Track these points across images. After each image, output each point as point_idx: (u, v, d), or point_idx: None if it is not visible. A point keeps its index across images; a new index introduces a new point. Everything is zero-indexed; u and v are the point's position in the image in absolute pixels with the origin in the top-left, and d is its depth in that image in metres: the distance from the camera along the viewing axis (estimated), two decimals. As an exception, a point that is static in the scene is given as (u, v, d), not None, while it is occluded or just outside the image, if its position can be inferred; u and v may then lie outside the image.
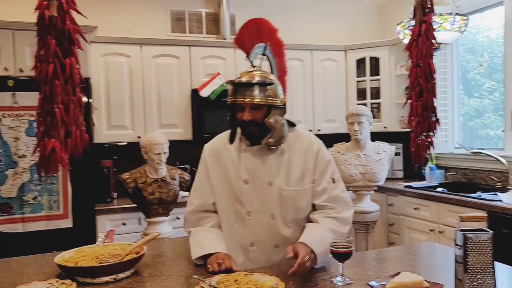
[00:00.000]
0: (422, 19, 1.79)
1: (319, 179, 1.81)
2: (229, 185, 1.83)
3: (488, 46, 3.94)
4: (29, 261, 1.90)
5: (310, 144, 1.84)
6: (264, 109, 1.73)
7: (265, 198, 1.79)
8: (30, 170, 3.09)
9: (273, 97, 1.74)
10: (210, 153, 1.91)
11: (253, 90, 1.71)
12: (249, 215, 1.80)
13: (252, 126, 1.73)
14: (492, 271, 1.37)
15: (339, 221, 1.79)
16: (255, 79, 1.74)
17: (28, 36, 3.16)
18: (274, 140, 1.74)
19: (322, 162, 1.83)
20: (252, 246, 1.81)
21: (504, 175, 3.58)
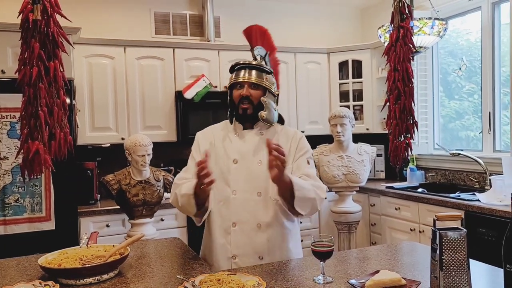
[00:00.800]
0: (400, 25, 1.85)
1: (297, 157, 2.00)
2: (217, 165, 1.93)
3: (468, 49, 4.04)
4: (12, 263, 1.89)
5: (295, 133, 2.06)
6: (260, 90, 1.93)
7: (254, 177, 1.91)
8: (12, 172, 3.06)
9: (269, 83, 1.96)
10: (202, 136, 2.07)
11: (254, 72, 1.94)
12: (235, 194, 1.90)
13: (247, 103, 1.91)
14: (466, 268, 1.42)
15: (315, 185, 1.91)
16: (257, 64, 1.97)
17: (9, 37, 3.14)
18: (266, 115, 1.92)
19: (303, 147, 2.03)
20: (234, 227, 1.89)
21: (482, 175, 3.67)
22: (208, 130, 2.09)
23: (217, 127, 2.10)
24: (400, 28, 1.84)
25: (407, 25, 1.86)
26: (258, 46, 2.05)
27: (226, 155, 1.95)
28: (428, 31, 3.25)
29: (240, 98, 1.92)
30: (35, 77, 1.38)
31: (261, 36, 2.08)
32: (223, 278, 1.51)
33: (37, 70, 1.39)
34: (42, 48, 1.41)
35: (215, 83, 4.05)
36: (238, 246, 1.88)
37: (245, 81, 1.92)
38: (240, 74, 1.95)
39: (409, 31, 1.86)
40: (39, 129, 1.39)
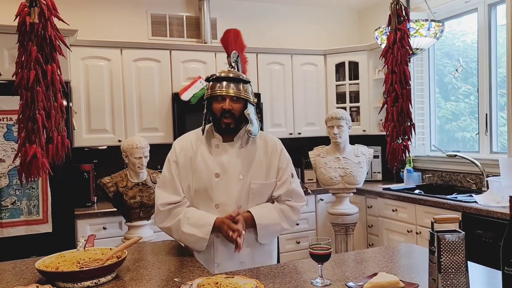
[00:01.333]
0: (397, 27, 1.85)
1: (282, 175, 2.03)
2: (199, 179, 1.95)
3: (464, 51, 4.05)
4: (8, 267, 1.88)
5: (275, 144, 2.06)
6: (241, 103, 1.93)
7: (234, 190, 1.94)
8: (9, 174, 3.05)
9: (249, 94, 1.96)
10: (180, 149, 2.01)
11: (233, 85, 1.92)
12: (217, 207, 1.94)
13: (229, 117, 1.90)
14: (465, 271, 1.42)
15: (290, 208, 2.01)
16: (236, 75, 1.95)
17: (6, 39, 3.13)
18: (252, 130, 1.93)
19: (285, 159, 2.05)
20: (217, 237, 1.94)
21: (479, 177, 3.68)
22: (187, 141, 2.03)
23: (195, 137, 2.04)
24: (398, 30, 1.85)
25: (404, 28, 1.86)
26: (233, 51, 2.06)
27: (207, 168, 1.95)
28: (424, 33, 3.26)
29: (222, 112, 1.90)
30: (33, 81, 1.38)
31: (234, 39, 2.10)
32: (221, 281, 1.50)
33: (35, 73, 1.38)
34: (39, 51, 1.40)
35: (212, 85, 4.05)
36: (221, 255, 1.96)
37: (226, 95, 1.90)
38: (218, 86, 1.91)
39: (406, 34, 1.87)
40: (36, 132, 1.39)
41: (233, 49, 2.06)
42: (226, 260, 1.96)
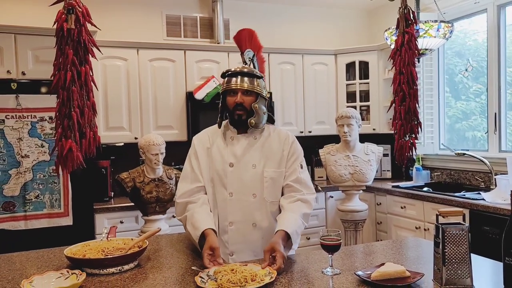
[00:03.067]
0: (405, 30, 1.94)
1: (291, 163, 2.08)
2: (214, 169, 2.04)
3: (476, 50, 4.08)
4: (37, 255, 2.01)
5: (287, 136, 2.13)
6: (252, 96, 2.00)
7: (249, 180, 2.02)
8: (33, 169, 3.19)
9: (261, 88, 2.03)
10: (198, 142, 2.13)
11: (246, 79, 2.00)
12: (231, 196, 2.01)
13: (241, 109, 1.98)
14: (468, 261, 1.51)
15: (304, 202, 2.02)
16: (248, 70, 2.04)
17: (29, 40, 3.27)
18: (255, 122, 2.00)
19: (296, 151, 2.11)
20: (231, 226, 2.01)
21: (488, 175, 3.74)
22: (204, 135, 2.15)
23: (211, 130, 2.16)
24: (405, 33, 1.94)
25: (412, 31, 1.94)
26: (248, 49, 2.14)
27: (222, 159, 2.04)
28: (434, 34, 3.32)
29: (235, 105, 1.99)
30: (69, 81, 1.50)
31: (249, 39, 2.18)
32: (236, 268, 1.60)
33: (71, 74, 1.50)
34: (74, 54, 1.52)
35: (225, 84, 4.15)
36: (235, 244, 2.01)
37: (238, 88, 1.99)
38: (233, 80, 2.01)
39: (413, 37, 1.95)
40: (71, 128, 1.51)
41: (246, 47, 2.14)
42: (240, 250, 2.01)
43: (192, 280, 1.61)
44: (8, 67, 3.24)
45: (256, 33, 2.22)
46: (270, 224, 2.02)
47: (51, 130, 3.20)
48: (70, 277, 1.57)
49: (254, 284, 1.51)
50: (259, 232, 2.01)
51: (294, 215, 1.94)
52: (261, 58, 2.22)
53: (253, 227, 2.01)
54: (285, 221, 1.91)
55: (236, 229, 2.01)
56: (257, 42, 2.20)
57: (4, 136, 3.11)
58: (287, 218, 1.93)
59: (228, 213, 2.00)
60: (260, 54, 2.21)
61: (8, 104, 3.12)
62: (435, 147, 4.37)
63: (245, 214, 2.00)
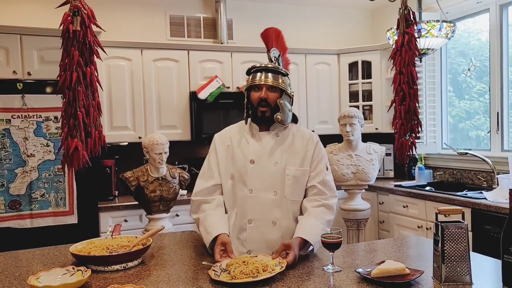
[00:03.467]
0: (405, 31, 1.96)
1: (316, 164, 2.06)
2: (234, 166, 2.03)
3: (479, 49, 4.08)
4: (43, 252, 2.04)
5: (311, 136, 2.12)
6: (277, 93, 2.00)
7: (270, 177, 1.99)
8: (38, 168, 3.23)
9: (285, 85, 2.03)
10: (219, 139, 2.13)
11: (271, 75, 2.00)
12: (251, 193, 1.99)
13: (265, 105, 1.98)
14: (467, 259, 1.52)
15: (327, 208, 2.01)
16: (274, 67, 2.03)
17: (35, 40, 3.31)
18: (281, 116, 1.99)
19: (320, 152, 2.10)
20: (250, 224, 1.98)
21: (490, 174, 3.75)
22: (226, 133, 2.14)
23: (233, 128, 2.15)
24: (405, 34, 1.96)
25: (412, 31, 1.96)
26: (274, 48, 2.12)
27: (243, 156, 2.02)
28: (436, 34, 3.34)
29: (259, 101, 1.99)
30: (75, 82, 1.53)
31: (276, 38, 2.15)
32: (248, 259, 1.65)
33: (77, 75, 1.53)
34: (80, 56, 1.55)
35: (228, 84, 4.18)
36: (253, 242, 1.97)
37: (263, 84, 1.98)
38: (258, 76, 2.00)
39: (413, 37, 1.97)
40: (77, 128, 1.54)
41: (273, 46, 2.12)
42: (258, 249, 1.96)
43: (195, 276, 1.65)
44: (14, 67, 3.28)
45: (282, 33, 2.20)
46: (290, 223, 2.00)
47: (56, 130, 3.24)
48: (76, 273, 1.60)
49: (266, 274, 1.56)
50: (278, 231, 1.98)
51: (316, 222, 1.92)
52: (286, 59, 2.20)
53: (273, 225, 1.97)
54: (307, 228, 1.89)
55: (255, 227, 1.97)
56: (283, 42, 2.18)
57: (10, 135, 3.16)
58: (309, 225, 1.90)
59: (247, 210, 1.98)
60: (285, 56, 2.19)
61: (14, 104, 3.17)
62: (437, 147, 4.39)
63: (265, 211, 1.97)
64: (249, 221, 1.98)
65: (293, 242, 1.80)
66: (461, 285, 1.50)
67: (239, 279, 1.54)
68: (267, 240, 1.97)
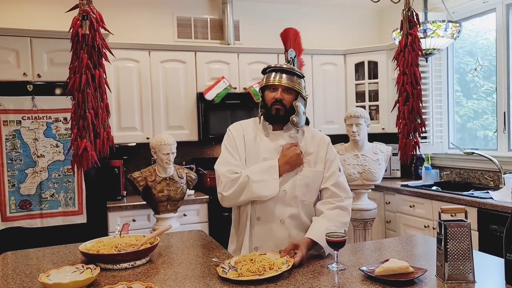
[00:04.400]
0: (409, 32, 1.97)
1: (329, 166, 2.06)
2: (248, 162, 2.02)
3: (487, 48, 4.06)
4: (52, 251, 2.09)
5: (322, 137, 2.12)
6: (292, 94, 2.00)
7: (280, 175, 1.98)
8: (48, 169, 3.28)
9: (301, 87, 2.02)
10: (235, 130, 2.11)
11: (287, 76, 2.00)
12: None
13: (280, 105, 1.98)
14: (470, 257, 1.54)
15: (342, 210, 2.01)
16: (291, 68, 2.03)
17: (45, 43, 3.37)
18: (296, 120, 2.00)
19: (332, 153, 2.10)
20: (258, 220, 1.99)
21: (497, 174, 3.74)
22: (239, 126, 2.12)
23: (248, 123, 2.13)
24: (409, 35, 1.97)
25: (415, 33, 1.98)
26: (291, 49, 2.12)
27: (256, 153, 2.02)
28: (441, 34, 3.34)
29: (273, 101, 1.98)
30: (84, 84, 1.58)
31: (294, 39, 2.16)
32: (255, 257, 1.68)
33: (86, 77, 1.58)
34: (89, 59, 1.59)
35: (235, 85, 4.21)
36: (260, 239, 1.99)
37: (278, 84, 1.98)
38: (273, 76, 2.00)
39: (417, 38, 1.99)
40: (86, 129, 1.59)
41: (290, 47, 2.12)
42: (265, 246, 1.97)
43: (202, 275, 1.68)
44: (24, 69, 3.34)
45: (300, 35, 2.20)
46: (299, 223, 2.00)
47: (66, 131, 3.29)
48: (85, 271, 1.64)
49: (272, 272, 1.58)
50: (286, 229, 1.98)
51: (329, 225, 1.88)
52: (301, 61, 2.20)
53: (281, 224, 1.97)
54: (318, 230, 1.87)
55: (263, 224, 1.98)
56: (300, 44, 2.18)
57: (20, 136, 3.21)
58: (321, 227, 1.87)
59: (257, 208, 1.98)
60: (300, 57, 2.19)
61: (24, 106, 3.22)
62: (444, 146, 4.38)
63: (273, 210, 1.96)
64: (258, 218, 1.99)
65: (301, 242, 1.82)
66: (464, 283, 1.51)
67: (245, 276, 1.57)
68: (274, 238, 1.97)
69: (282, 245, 1.93)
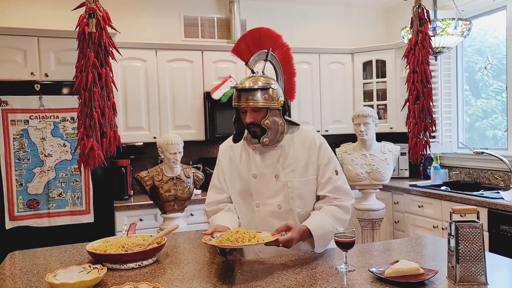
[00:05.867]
0: (419, 30, 1.94)
1: (323, 171, 1.99)
2: (241, 180, 2.02)
3: (497, 47, 4.02)
4: (60, 250, 2.09)
5: (313, 139, 2.01)
6: (263, 111, 1.91)
7: (273, 190, 1.97)
8: (55, 168, 3.29)
9: (270, 100, 1.91)
10: (223, 152, 2.13)
11: (253, 94, 1.89)
12: (258, 207, 1.99)
13: (254, 127, 1.93)
14: (482, 258, 1.51)
15: (341, 208, 1.98)
16: (254, 84, 1.91)
17: (52, 42, 3.37)
18: (268, 140, 1.93)
19: (325, 155, 2.01)
20: None
21: (507, 174, 3.69)
22: (227, 145, 2.12)
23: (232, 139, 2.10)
24: (419, 32, 1.94)
25: (426, 30, 1.95)
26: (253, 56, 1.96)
27: (246, 169, 2.01)
28: (451, 32, 3.30)
29: (247, 124, 1.93)
30: (91, 83, 1.57)
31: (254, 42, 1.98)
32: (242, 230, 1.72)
33: (92, 76, 1.57)
34: (95, 57, 1.58)
35: (242, 84, 4.19)
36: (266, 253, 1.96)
37: (244, 107, 1.91)
38: (239, 98, 1.92)
39: (427, 36, 1.96)
40: (93, 128, 1.58)
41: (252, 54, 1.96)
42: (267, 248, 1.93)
43: (209, 275, 1.67)
44: (31, 69, 3.34)
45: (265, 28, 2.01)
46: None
47: (73, 130, 3.30)
48: (92, 271, 1.63)
49: (248, 243, 1.63)
50: None
51: (325, 217, 1.91)
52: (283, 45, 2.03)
53: None
54: (314, 220, 1.89)
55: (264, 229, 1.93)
56: (268, 37, 2.00)
57: (28, 136, 3.22)
58: (317, 218, 1.90)
59: (257, 223, 1.98)
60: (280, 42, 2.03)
61: (32, 105, 3.23)
62: (453, 146, 4.34)
63: (273, 225, 1.92)
64: None
65: (296, 226, 1.83)
66: (476, 285, 1.49)
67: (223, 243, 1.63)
68: (279, 251, 1.92)
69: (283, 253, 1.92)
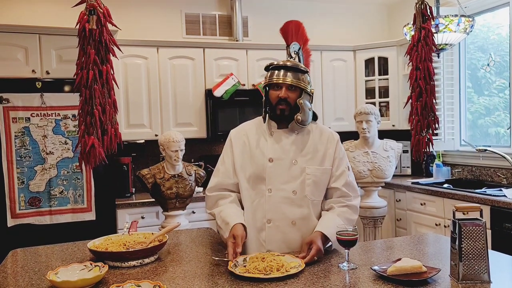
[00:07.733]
0: (422, 26, 1.93)
1: (338, 164, 2.03)
2: (253, 164, 1.99)
3: (499, 44, 4.00)
4: (61, 248, 2.08)
5: (330, 134, 2.08)
6: (297, 92, 1.95)
7: (289, 176, 1.95)
8: (57, 166, 3.28)
9: (306, 84, 1.98)
10: (235, 135, 2.09)
11: (290, 73, 1.95)
12: (270, 192, 1.94)
13: (285, 104, 1.94)
14: (485, 257, 1.50)
15: (351, 209, 2.00)
16: (294, 65, 1.98)
17: (53, 39, 3.37)
18: (301, 118, 1.95)
19: (341, 150, 2.07)
20: (269, 223, 1.94)
21: (510, 171, 3.67)
22: (241, 129, 2.10)
23: (250, 125, 2.10)
24: (422, 29, 1.93)
25: (429, 27, 1.94)
26: (294, 42, 2.06)
27: (261, 154, 1.97)
28: (454, 29, 3.28)
29: (278, 100, 1.93)
30: (91, 80, 1.56)
31: (296, 31, 2.10)
32: (268, 256, 1.67)
33: (93, 73, 1.56)
34: (96, 54, 1.57)
35: (243, 81, 4.19)
36: (272, 242, 1.93)
37: (282, 83, 1.93)
38: (276, 74, 1.95)
39: (430, 32, 1.94)
40: (94, 125, 1.57)
41: (293, 40, 2.06)
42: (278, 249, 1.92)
43: (211, 273, 1.66)
44: (33, 66, 3.34)
45: (303, 25, 2.13)
46: (310, 223, 1.95)
47: (74, 128, 3.29)
48: (93, 269, 1.63)
49: (278, 274, 1.56)
50: (298, 231, 1.94)
51: (338, 219, 1.90)
52: (307, 51, 2.13)
53: (293, 225, 1.93)
54: (328, 223, 1.88)
55: (274, 227, 1.93)
56: (304, 34, 2.12)
57: (29, 133, 3.22)
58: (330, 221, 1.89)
59: (266, 210, 1.93)
60: (306, 47, 2.14)
61: (33, 103, 3.22)
62: (455, 143, 4.32)
63: (284, 211, 1.92)
64: (268, 221, 1.94)
65: (314, 236, 1.81)
66: (479, 283, 1.48)
67: (250, 274, 1.55)
68: (287, 240, 1.93)
69: (294, 247, 1.91)
